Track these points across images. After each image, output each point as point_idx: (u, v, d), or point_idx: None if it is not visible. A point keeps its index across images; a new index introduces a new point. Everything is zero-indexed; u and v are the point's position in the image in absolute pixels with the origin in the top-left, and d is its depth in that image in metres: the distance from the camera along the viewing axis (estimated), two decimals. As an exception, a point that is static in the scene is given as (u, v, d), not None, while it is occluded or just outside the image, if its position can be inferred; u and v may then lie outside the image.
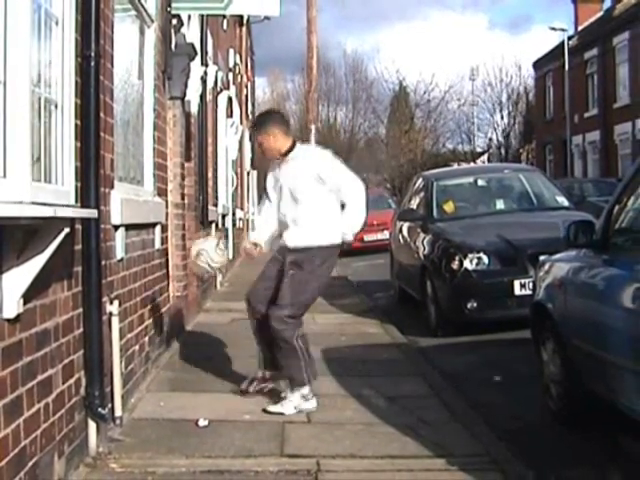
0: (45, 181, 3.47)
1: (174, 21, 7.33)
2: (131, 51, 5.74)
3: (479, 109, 48.40)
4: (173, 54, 7.02)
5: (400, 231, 10.45)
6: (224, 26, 13.99)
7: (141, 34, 6.07)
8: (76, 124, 3.84)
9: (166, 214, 6.73)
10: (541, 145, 39.03)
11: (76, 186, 3.85)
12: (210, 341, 7.56)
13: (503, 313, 7.79)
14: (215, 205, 11.68)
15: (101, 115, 4.19)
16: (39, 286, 3.29)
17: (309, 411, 5.06)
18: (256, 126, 5.44)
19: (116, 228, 4.76)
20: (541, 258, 5.91)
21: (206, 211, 9.85)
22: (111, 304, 4.50)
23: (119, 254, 4.85)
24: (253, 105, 27.09)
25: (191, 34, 8.61)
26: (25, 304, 3.15)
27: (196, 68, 8.38)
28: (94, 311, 4.06)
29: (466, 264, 7.94)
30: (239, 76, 18.62)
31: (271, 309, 5.15)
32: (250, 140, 22.79)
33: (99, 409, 4.08)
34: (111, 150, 4.61)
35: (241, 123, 17.59)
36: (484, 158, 47.57)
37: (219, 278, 12.08)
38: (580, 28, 34.87)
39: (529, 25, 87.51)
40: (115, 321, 4.51)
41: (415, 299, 9.48)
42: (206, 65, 9.79)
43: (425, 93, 47.02)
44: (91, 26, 3.95)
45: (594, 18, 34.27)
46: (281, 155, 5.27)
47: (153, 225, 6.08)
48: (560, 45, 33.45)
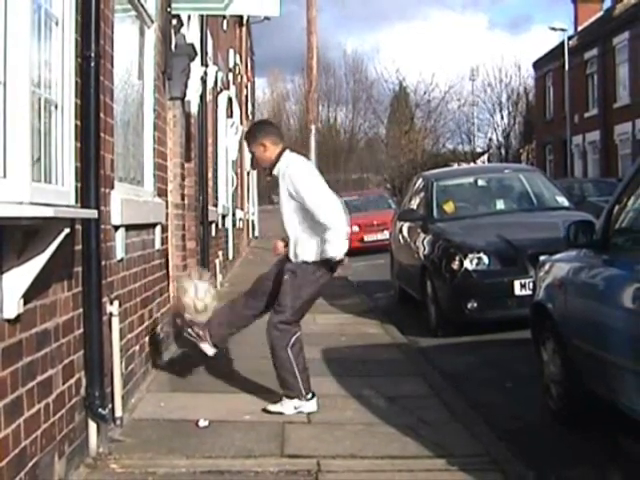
0: (45, 181, 3.47)
1: (174, 21, 7.32)
2: (131, 51, 5.74)
3: (479, 109, 48.52)
4: (173, 54, 7.02)
5: (400, 231, 10.45)
6: (224, 26, 14.00)
7: (141, 34, 6.07)
8: (76, 124, 3.84)
9: (166, 214, 6.73)
10: (541, 145, 39.03)
11: (76, 186, 3.85)
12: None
13: (503, 313, 7.79)
14: (215, 205, 11.69)
15: (101, 115, 4.19)
16: (39, 286, 3.29)
17: (309, 412, 5.06)
18: (247, 136, 5.45)
19: (116, 228, 4.75)
20: (541, 258, 5.91)
21: (206, 211, 9.85)
22: (111, 304, 4.50)
23: (119, 254, 4.85)
24: (253, 105, 27.10)
25: (191, 34, 8.61)
26: (25, 304, 3.15)
27: (196, 68, 8.38)
28: (94, 311, 4.06)
29: (466, 264, 7.94)
30: (239, 76, 18.63)
31: (269, 316, 5.17)
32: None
33: (99, 409, 4.08)
34: (111, 150, 4.61)
35: (241, 123, 17.60)
36: (484, 158, 47.60)
37: (219, 278, 12.08)
38: (580, 28, 34.88)
39: (529, 25, 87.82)
40: (115, 321, 4.51)
41: (415, 299, 9.48)
42: (206, 65, 9.79)
43: (425, 93, 47.12)
44: (91, 26, 3.95)
45: (594, 18, 34.28)
46: (270, 170, 5.27)
47: (153, 225, 6.08)
48: (560, 45, 33.45)
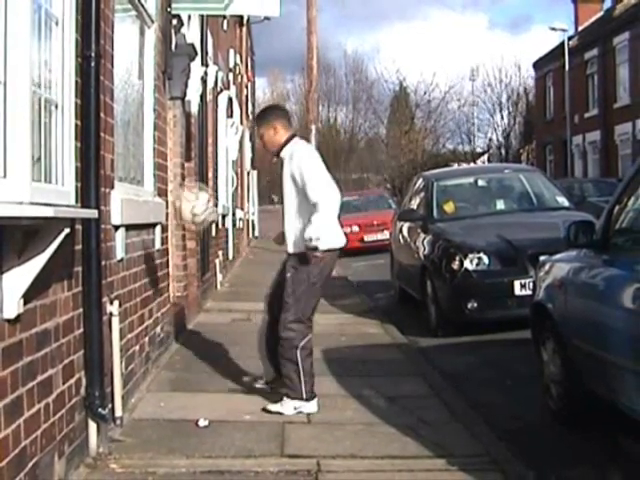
0: (45, 181, 3.47)
1: (174, 21, 7.33)
2: (131, 51, 5.74)
3: (479, 109, 48.52)
4: (173, 54, 7.02)
5: (400, 231, 10.45)
6: (224, 26, 13.99)
7: (141, 34, 6.07)
8: (76, 124, 3.84)
9: (166, 214, 6.73)
10: (541, 145, 39.03)
11: (76, 186, 3.85)
12: (210, 341, 7.56)
13: (503, 313, 7.79)
14: (215, 205, 11.68)
15: (101, 115, 4.19)
16: (39, 286, 3.29)
17: (309, 413, 5.06)
18: (258, 118, 5.46)
19: (116, 228, 4.76)
20: (541, 258, 5.91)
21: (206, 211, 9.84)
22: (111, 304, 4.50)
23: (119, 254, 4.85)
24: (253, 105, 27.09)
25: (191, 34, 8.61)
26: (25, 304, 3.15)
27: (196, 68, 8.38)
28: (94, 311, 4.06)
29: (466, 264, 7.94)
30: (239, 76, 18.62)
31: (281, 316, 5.16)
32: (250, 140, 22.81)
33: (99, 409, 4.08)
34: (111, 150, 4.61)
35: (241, 123, 17.59)
36: (484, 158, 47.60)
37: (219, 278, 12.08)
38: (580, 28, 34.87)
39: (529, 25, 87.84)
40: (115, 321, 4.51)
41: (415, 299, 9.48)
42: (206, 65, 9.79)
43: (425, 93, 47.13)
44: (91, 26, 3.96)
45: (594, 18, 34.28)
46: (277, 153, 5.25)
47: (153, 225, 6.08)
48: (560, 45, 33.44)
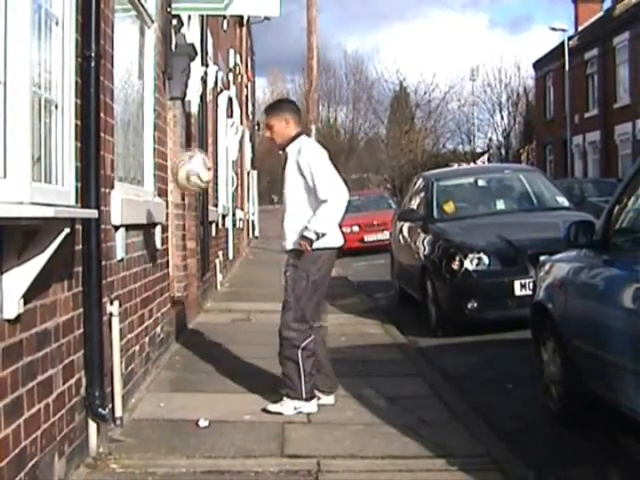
0: (45, 181, 3.47)
1: (174, 21, 7.33)
2: (131, 51, 5.74)
3: (479, 109, 48.51)
4: (173, 54, 7.02)
5: (400, 231, 10.45)
6: (224, 26, 13.99)
7: (141, 34, 6.07)
8: (76, 124, 3.84)
9: (166, 214, 6.72)
10: (541, 145, 39.03)
11: (76, 186, 3.85)
12: (210, 341, 7.56)
13: (503, 313, 7.79)
14: (215, 205, 11.68)
15: (101, 115, 4.19)
16: (39, 286, 3.29)
17: (309, 412, 5.06)
18: (270, 108, 5.41)
19: (116, 228, 4.75)
20: (541, 258, 5.92)
21: (206, 211, 9.85)
22: (111, 304, 4.50)
23: (119, 254, 4.85)
24: (253, 105, 27.11)
25: (191, 34, 8.61)
26: (25, 304, 3.15)
27: (196, 68, 8.38)
28: (94, 311, 4.06)
29: (466, 264, 7.94)
30: (239, 76, 18.62)
31: (281, 315, 5.15)
32: (250, 140, 22.80)
33: (99, 409, 4.08)
34: (111, 150, 4.61)
35: (241, 123, 17.60)
36: (484, 158, 47.60)
37: (219, 278, 12.08)
38: (580, 28, 34.88)
39: (529, 25, 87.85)
40: (115, 321, 4.51)
41: (415, 299, 9.48)
42: (206, 65, 9.79)
43: (425, 93, 47.10)
44: (91, 26, 3.95)
45: (594, 18, 34.28)
46: (283, 147, 5.24)
47: (153, 225, 6.08)
48: (560, 45, 33.44)
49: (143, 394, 5.50)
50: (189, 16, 8.36)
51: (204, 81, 9.67)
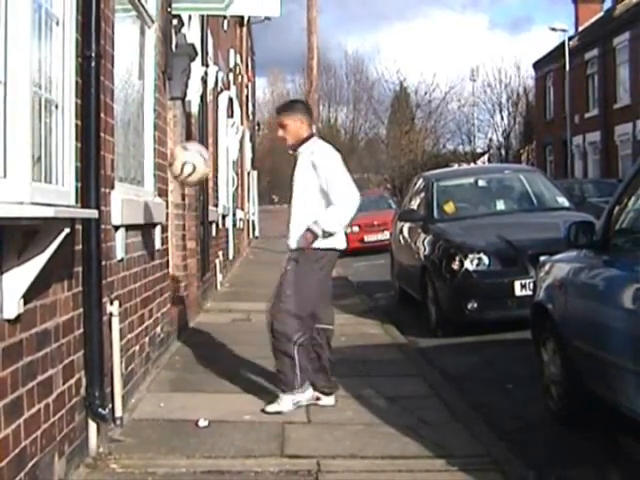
0: (45, 181, 3.47)
1: (175, 21, 7.33)
2: (132, 51, 5.74)
3: (479, 110, 48.50)
4: (174, 54, 7.02)
5: (400, 232, 10.45)
6: (224, 26, 14.00)
7: (141, 34, 6.07)
8: (76, 124, 3.84)
9: (166, 214, 6.73)
10: (541, 146, 39.03)
11: (76, 186, 3.85)
12: (210, 341, 7.56)
13: (503, 314, 7.79)
14: (215, 205, 11.69)
15: (101, 115, 4.19)
16: (39, 286, 3.29)
17: (308, 402, 5.05)
18: (285, 108, 5.42)
19: (116, 228, 4.75)
20: (541, 259, 5.91)
21: (206, 211, 9.86)
22: (111, 304, 4.50)
23: (119, 254, 4.85)
24: (254, 105, 27.11)
25: (192, 34, 8.61)
26: (25, 304, 3.15)
27: (196, 68, 8.38)
28: (94, 311, 4.06)
29: (466, 264, 7.94)
30: (239, 76, 18.63)
31: (271, 307, 5.18)
32: (250, 140, 22.80)
33: (99, 409, 4.08)
34: (111, 150, 4.61)
35: (242, 123, 17.60)
36: (484, 159, 47.60)
37: (219, 278, 12.08)
38: (581, 29, 34.87)
39: (529, 26, 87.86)
40: (115, 321, 4.51)
41: (415, 299, 9.48)
42: (207, 65, 9.79)
43: (426, 94, 47.07)
44: (92, 26, 3.95)
45: (594, 18, 34.28)
46: (295, 147, 5.27)
47: (153, 225, 6.08)
48: (560, 46, 33.44)
49: (143, 394, 5.50)
50: (189, 16, 8.37)
51: (204, 81, 9.67)
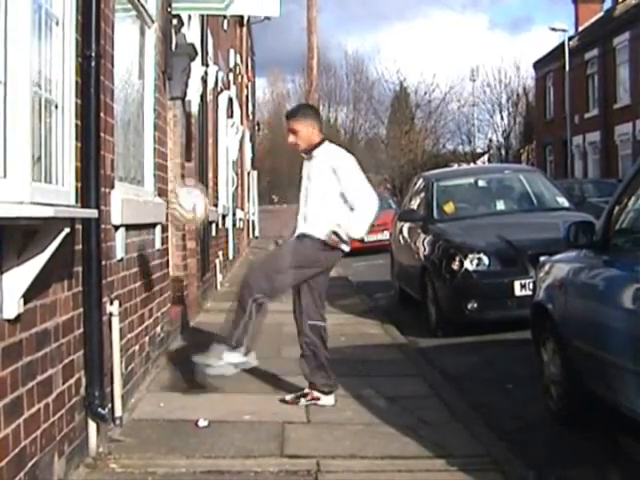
0: (45, 181, 3.47)
1: (174, 21, 7.33)
2: (131, 51, 5.74)
3: (479, 110, 48.51)
4: (173, 54, 7.02)
5: (400, 232, 10.45)
6: (224, 26, 14.00)
7: (141, 34, 6.07)
8: (76, 124, 3.84)
9: (166, 214, 6.72)
10: (541, 146, 39.04)
11: (76, 186, 3.84)
12: (210, 341, 7.52)
13: (503, 314, 7.79)
14: (215, 205, 11.69)
15: (101, 115, 4.19)
16: (39, 286, 3.29)
17: (243, 366, 5.10)
18: (295, 113, 5.48)
19: (116, 228, 4.75)
20: (541, 259, 5.91)
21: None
22: (111, 304, 4.50)
23: (119, 254, 4.85)
24: (253, 105, 27.12)
25: (191, 34, 8.61)
26: (25, 304, 3.15)
27: (196, 68, 8.38)
28: (94, 311, 4.06)
29: (466, 265, 7.94)
30: (239, 76, 18.63)
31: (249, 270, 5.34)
32: (250, 140, 22.79)
33: (99, 409, 4.08)
34: (111, 150, 4.61)
35: (242, 123, 17.60)
36: (484, 159, 47.61)
37: (219, 278, 12.08)
38: (580, 29, 34.89)
39: (529, 26, 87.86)
40: (115, 321, 4.51)
41: (415, 300, 9.48)
42: (206, 65, 9.79)
43: (426, 94, 47.11)
44: (91, 26, 3.95)
45: (594, 19, 34.30)
46: (308, 151, 5.32)
47: (153, 225, 6.08)
48: (560, 46, 33.45)
49: (143, 394, 5.50)
50: (189, 16, 8.37)
51: (204, 81, 9.67)
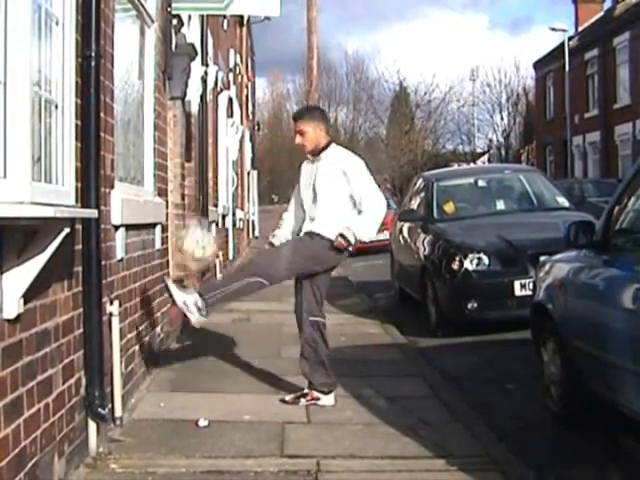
0: (45, 181, 3.47)
1: (174, 21, 7.32)
2: (131, 51, 5.74)
3: (479, 110, 48.53)
4: (173, 54, 7.02)
5: (400, 232, 10.45)
6: (224, 26, 13.99)
7: (141, 34, 6.07)
8: (76, 124, 3.83)
9: (166, 214, 6.72)
10: (541, 145, 39.04)
11: (76, 186, 3.84)
12: (210, 341, 7.55)
13: (503, 313, 7.79)
14: (215, 205, 11.69)
15: (101, 115, 4.19)
16: (39, 286, 3.29)
17: (190, 304, 5.09)
18: (303, 115, 5.51)
19: (116, 228, 4.75)
20: (541, 259, 5.91)
21: (206, 211, 9.85)
22: (111, 304, 4.50)
23: (119, 254, 4.85)
24: (253, 105, 27.11)
25: (191, 34, 8.60)
26: (25, 304, 3.15)
27: (196, 68, 8.38)
28: (94, 311, 4.06)
29: (466, 264, 7.94)
30: (239, 76, 18.63)
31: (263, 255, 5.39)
32: (250, 140, 22.79)
33: (99, 409, 4.08)
34: (111, 150, 4.61)
35: (241, 123, 17.60)
36: (484, 159, 47.61)
37: (219, 279, 12.06)
38: (580, 29, 34.89)
39: (529, 26, 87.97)
40: (115, 321, 4.51)
41: (415, 299, 9.48)
42: (206, 65, 9.79)
43: (426, 94, 47.17)
44: (91, 26, 3.95)
45: (594, 18, 34.30)
46: (315, 153, 5.34)
47: (153, 225, 6.08)
48: (560, 46, 33.45)
49: (143, 394, 5.50)
50: (189, 16, 8.36)
51: (204, 81, 9.66)
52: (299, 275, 5.28)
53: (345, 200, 5.22)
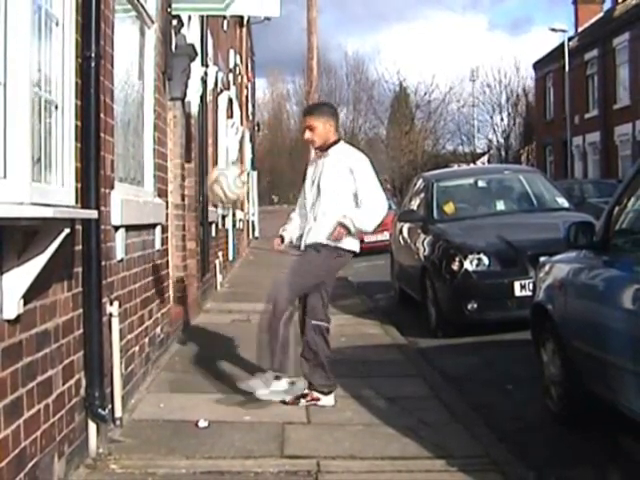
0: (45, 182, 3.47)
1: (174, 22, 7.32)
2: (131, 52, 5.74)
3: (479, 110, 48.56)
4: (173, 55, 7.02)
5: (400, 232, 10.45)
6: (224, 27, 13.99)
7: (141, 35, 6.07)
8: (76, 125, 3.84)
9: (166, 215, 6.72)
10: (541, 146, 39.04)
11: (76, 187, 3.85)
12: (210, 342, 7.56)
13: (503, 314, 7.79)
14: (215, 206, 11.67)
15: (101, 116, 4.19)
16: (39, 287, 3.29)
17: (293, 392, 5.10)
18: (315, 110, 5.53)
19: (116, 229, 4.75)
20: (541, 259, 5.92)
21: (206, 212, 9.85)
22: (111, 305, 4.50)
23: (119, 255, 4.85)
24: (253, 106, 27.11)
25: (191, 35, 8.61)
26: (25, 305, 3.15)
27: (196, 69, 8.38)
28: (94, 312, 4.06)
29: (466, 265, 7.94)
30: (239, 77, 18.62)
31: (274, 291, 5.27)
32: (250, 141, 22.78)
33: (99, 410, 4.08)
34: (111, 151, 4.61)
35: (241, 124, 17.60)
36: (484, 159, 47.62)
37: (219, 279, 12.07)
38: (580, 29, 34.89)
39: (529, 26, 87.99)
40: (115, 322, 4.51)
41: (415, 300, 9.47)
42: (206, 66, 9.79)
43: (426, 94, 47.22)
44: (91, 27, 3.96)
45: (594, 19, 34.29)
46: (323, 148, 5.34)
47: (153, 226, 6.08)
48: (560, 46, 33.45)
49: (143, 395, 5.50)
50: (189, 16, 8.36)
51: (204, 81, 9.67)
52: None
53: (348, 198, 5.23)
